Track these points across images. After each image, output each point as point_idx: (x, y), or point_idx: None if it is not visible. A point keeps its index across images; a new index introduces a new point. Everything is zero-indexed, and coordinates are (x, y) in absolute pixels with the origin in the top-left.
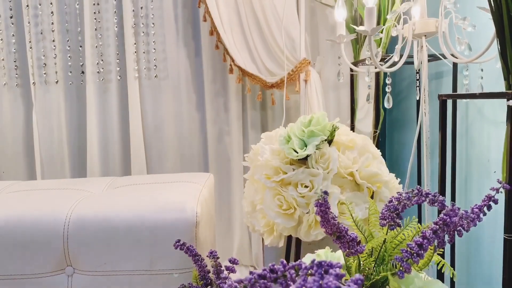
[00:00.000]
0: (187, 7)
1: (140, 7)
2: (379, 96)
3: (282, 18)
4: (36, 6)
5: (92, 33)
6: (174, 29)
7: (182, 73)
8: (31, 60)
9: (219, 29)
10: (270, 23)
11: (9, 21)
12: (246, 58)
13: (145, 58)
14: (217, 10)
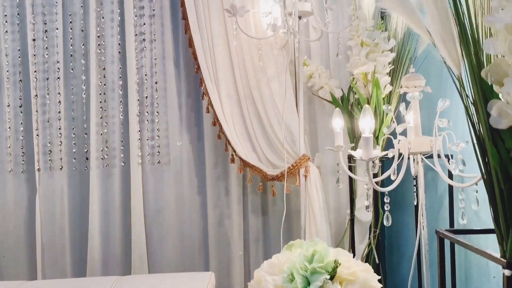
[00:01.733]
0: (190, 96)
1: (145, 96)
2: (377, 195)
3: (281, 112)
4: (45, 95)
5: (97, 120)
6: (177, 116)
7: (184, 158)
8: (37, 147)
9: (221, 121)
10: (270, 117)
11: (18, 110)
12: (247, 148)
13: (149, 144)
14: (220, 102)
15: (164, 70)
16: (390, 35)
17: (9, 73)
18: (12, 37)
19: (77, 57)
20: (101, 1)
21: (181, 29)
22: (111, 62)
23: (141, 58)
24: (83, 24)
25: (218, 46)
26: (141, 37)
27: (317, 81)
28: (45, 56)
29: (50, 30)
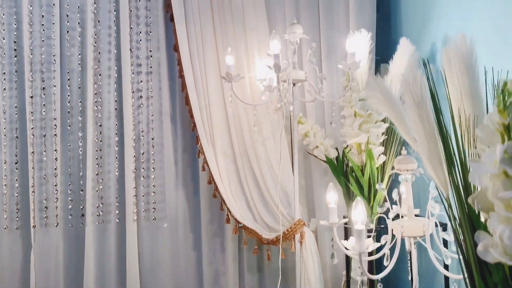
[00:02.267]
0: (187, 152)
1: (141, 152)
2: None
3: (277, 172)
4: (41, 152)
5: (93, 176)
6: (173, 172)
7: (180, 214)
8: (33, 203)
9: (216, 181)
10: (265, 176)
11: (14, 166)
12: (242, 207)
13: (145, 200)
14: (215, 161)
15: (161, 126)
16: None
17: (6, 129)
18: (10, 94)
19: (74, 114)
20: (99, 58)
21: (178, 86)
22: (108, 118)
23: (138, 114)
24: (80, 81)
25: (214, 105)
26: (138, 93)
27: (312, 140)
28: (43, 113)
29: (48, 87)
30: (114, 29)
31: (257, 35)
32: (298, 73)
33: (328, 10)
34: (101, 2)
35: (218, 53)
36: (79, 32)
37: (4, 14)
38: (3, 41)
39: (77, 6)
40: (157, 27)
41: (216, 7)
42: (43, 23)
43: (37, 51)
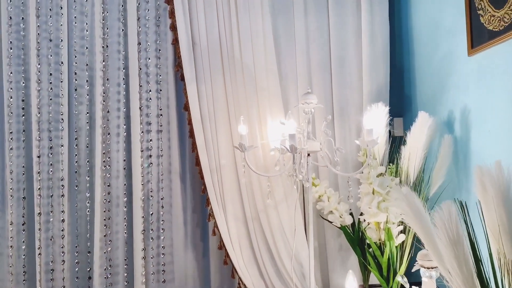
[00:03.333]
0: (196, 212)
1: (150, 213)
2: None
3: (289, 238)
4: (48, 212)
5: (101, 237)
6: (183, 233)
7: (189, 276)
8: (39, 266)
9: (227, 247)
10: (277, 242)
11: (21, 227)
12: (255, 275)
13: (154, 262)
14: (226, 226)
15: (170, 185)
16: (402, 181)
17: (13, 190)
18: (17, 153)
19: (81, 173)
20: (107, 116)
21: (188, 145)
22: (116, 178)
23: (147, 174)
24: (88, 140)
25: (225, 167)
26: (148, 152)
27: (326, 205)
28: (50, 172)
29: (56, 146)
30: (123, 87)
31: (268, 95)
32: (313, 144)
33: (340, 68)
34: (110, 59)
35: (229, 114)
36: (88, 90)
37: (12, 72)
38: (11, 99)
39: (86, 64)
40: (167, 85)
41: (227, 67)
42: (51, 81)
43: (44, 110)
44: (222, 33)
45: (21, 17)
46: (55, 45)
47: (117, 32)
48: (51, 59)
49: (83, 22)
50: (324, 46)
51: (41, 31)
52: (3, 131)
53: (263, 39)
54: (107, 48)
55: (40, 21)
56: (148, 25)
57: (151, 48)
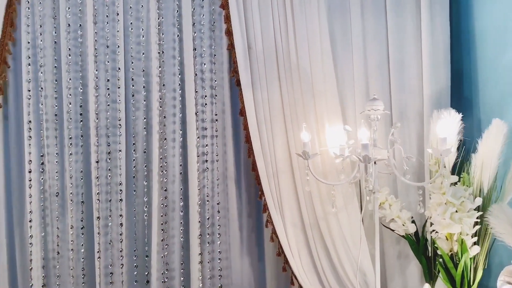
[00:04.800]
0: (251, 217)
1: (206, 217)
2: None
3: (350, 246)
4: (107, 217)
5: (158, 241)
6: (238, 238)
7: (245, 281)
8: (99, 269)
9: (286, 253)
10: (338, 250)
11: (80, 231)
12: (314, 282)
13: (210, 267)
14: (285, 232)
15: (226, 190)
16: (475, 192)
17: (73, 194)
18: (76, 158)
19: (139, 178)
20: (164, 122)
21: (243, 150)
22: (173, 182)
23: (203, 178)
24: (145, 145)
25: (282, 174)
26: (203, 157)
27: (388, 212)
28: (108, 177)
29: (114, 151)
30: (179, 93)
31: (326, 100)
32: (380, 152)
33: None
34: (165, 65)
35: (285, 119)
36: (144, 96)
37: (71, 78)
38: (70, 105)
39: (142, 70)
40: (222, 90)
41: (283, 71)
42: (109, 87)
43: (102, 115)
44: (278, 37)
45: (78, 24)
46: (112, 51)
47: (173, 38)
48: (108, 65)
49: (139, 28)
50: (382, 48)
51: (98, 38)
52: (62, 137)
53: (320, 42)
54: (163, 54)
55: (97, 27)
56: (203, 30)
57: (206, 54)
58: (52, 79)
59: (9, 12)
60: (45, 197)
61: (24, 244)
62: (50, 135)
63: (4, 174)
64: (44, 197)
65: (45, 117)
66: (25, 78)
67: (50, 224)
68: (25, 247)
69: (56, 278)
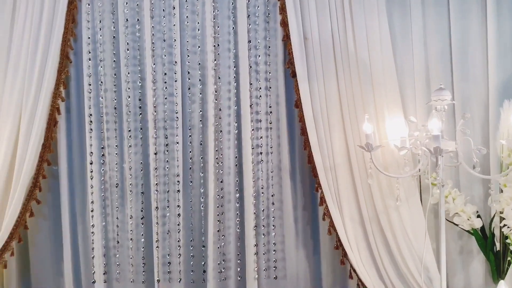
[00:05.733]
0: (306, 210)
1: (261, 210)
2: None
3: (411, 240)
4: (165, 207)
5: (215, 231)
6: (293, 230)
7: (300, 274)
8: (157, 258)
9: (345, 245)
10: (400, 245)
11: (140, 221)
12: (373, 276)
13: (265, 258)
14: (343, 226)
15: (280, 182)
16: None
17: (132, 185)
18: (135, 150)
19: (195, 169)
20: (219, 114)
21: (298, 143)
22: (228, 174)
23: (258, 170)
24: (201, 137)
25: (340, 166)
26: (258, 149)
27: (451, 206)
28: (166, 169)
29: (171, 143)
30: (233, 85)
31: (385, 91)
32: (447, 143)
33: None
34: (221, 58)
35: (342, 111)
36: (200, 89)
37: (129, 72)
38: (129, 99)
39: (198, 63)
40: (277, 82)
41: (341, 62)
42: (166, 80)
43: (160, 108)
44: (334, 26)
45: (136, 18)
46: (168, 45)
47: (228, 31)
48: (165, 59)
49: (195, 21)
50: (443, 36)
51: (155, 32)
52: (122, 129)
53: (379, 31)
54: (218, 46)
55: (154, 21)
56: (258, 22)
57: (261, 45)
58: (111, 73)
59: (71, 9)
60: (106, 188)
61: (86, 233)
62: (110, 128)
63: (67, 165)
64: (104, 187)
65: (105, 110)
66: (86, 73)
67: (110, 214)
68: (87, 236)
69: (116, 266)
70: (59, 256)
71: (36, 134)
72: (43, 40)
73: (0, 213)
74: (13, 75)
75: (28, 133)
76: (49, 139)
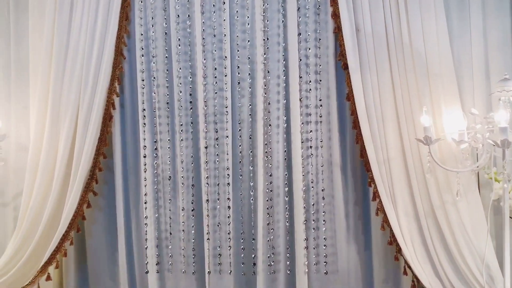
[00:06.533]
0: (358, 205)
1: (311, 204)
2: None
3: (471, 236)
4: (215, 200)
5: (264, 225)
6: (344, 225)
7: (352, 269)
8: (208, 250)
9: (399, 241)
10: (458, 241)
11: (191, 213)
12: (429, 273)
13: (315, 253)
14: (397, 221)
15: (331, 177)
16: None
17: (184, 178)
18: (186, 144)
19: (245, 163)
20: (268, 108)
21: (349, 136)
22: (277, 168)
23: (307, 165)
24: (251, 131)
25: (394, 160)
26: (308, 143)
27: None
28: (216, 162)
29: (221, 137)
30: (283, 79)
31: (442, 82)
32: None
33: None
34: (270, 52)
35: (396, 103)
36: (249, 83)
37: (181, 68)
38: (180, 94)
39: (248, 57)
40: (327, 75)
41: (394, 53)
42: (216, 75)
43: (210, 103)
44: (388, 17)
45: (187, 14)
46: (218, 40)
47: (277, 24)
48: (215, 54)
49: (244, 15)
50: (504, 24)
51: (206, 27)
52: (173, 124)
53: (435, 19)
54: (268, 40)
55: (205, 17)
56: (308, 14)
57: (311, 38)
58: (163, 69)
59: (124, 6)
60: (158, 181)
61: (140, 225)
62: (162, 122)
63: (121, 158)
64: (157, 180)
65: (157, 105)
66: (139, 69)
67: (162, 206)
68: (141, 227)
69: (168, 257)
70: (114, 246)
71: (92, 128)
72: (99, 38)
73: (59, 204)
74: (71, 72)
75: (85, 127)
76: (105, 133)
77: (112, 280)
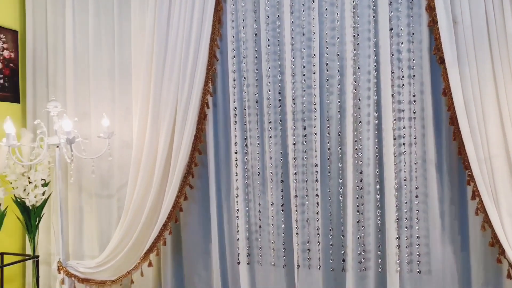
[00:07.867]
0: (454, 204)
1: (404, 202)
2: None
3: None
4: (303, 196)
5: (354, 222)
6: (439, 224)
7: (447, 270)
8: (297, 244)
9: (502, 243)
10: None
11: (280, 208)
12: None
13: (408, 252)
14: (500, 222)
15: (425, 174)
16: None
17: (273, 174)
18: (275, 141)
19: (333, 160)
20: (358, 105)
21: (445, 133)
22: (367, 165)
23: (400, 162)
24: (339, 128)
25: (496, 158)
26: (400, 140)
27: None
28: (304, 159)
29: (309, 134)
30: (373, 75)
31: None
32: None
33: None
34: (360, 48)
35: (498, 97)
36: (338, 80)
37: (270, 67)
38: (269, 92)
39: (337, 54)
40: (421, 70)
41: (496, 45)
42: (304, 73)
43: (298, 101)
44: (489, 7)
45: (276, 15)
46: (307, 38)
47: (368, 20)
48: (303, 52)
49: (334, 13)
50: None
51: (295, 26)
52: (262, 121)
53: None
54: (358, 36)
55: (294, 16)
56: (400, 8)
57: (403, 33)
58: (253, 69)
59: (217, 11)
60: (248, 176)
61: (231, 217)
62: (252, 120)
63: (214, 154)
64: (247, 175)
65: (247, 103)
66: (230, 69)
67: (252, 200)
68: (232, 219)
69: (258, 249)
70: (207, 237)
71: (189, 126)
72: (194, 41)
73: (159, 196)
74: (169, 74)
75: (183, 126)
76: (200, 131)
77: (205, 270)
